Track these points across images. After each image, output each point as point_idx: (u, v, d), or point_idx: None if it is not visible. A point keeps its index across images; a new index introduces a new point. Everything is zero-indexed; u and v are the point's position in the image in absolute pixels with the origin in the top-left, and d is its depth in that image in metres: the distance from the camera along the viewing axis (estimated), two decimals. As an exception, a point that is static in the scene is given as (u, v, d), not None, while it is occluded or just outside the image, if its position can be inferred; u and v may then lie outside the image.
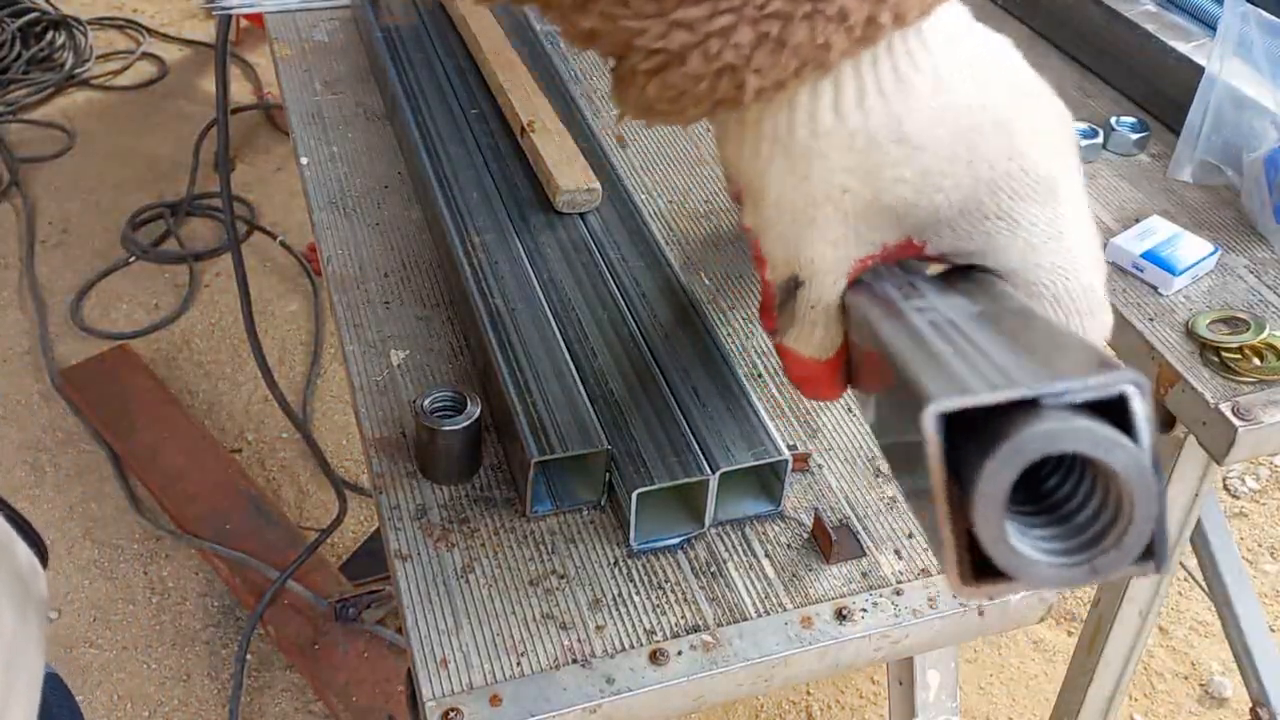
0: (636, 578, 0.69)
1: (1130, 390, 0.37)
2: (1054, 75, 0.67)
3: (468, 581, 0.67)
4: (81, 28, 3.09)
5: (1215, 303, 0.95)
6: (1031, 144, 0.48)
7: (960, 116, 0.47)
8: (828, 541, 0.70)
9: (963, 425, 0.38)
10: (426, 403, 0.71)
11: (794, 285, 0.51)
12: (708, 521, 0.71)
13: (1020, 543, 0.38)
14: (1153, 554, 0.39)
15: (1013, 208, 0.48)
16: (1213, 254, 0.98)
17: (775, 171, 0.48)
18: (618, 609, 0.67)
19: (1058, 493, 0.40)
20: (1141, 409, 0.37)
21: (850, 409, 0.81)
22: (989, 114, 0.47)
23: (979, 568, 0.39)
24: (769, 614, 0.67)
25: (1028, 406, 0.37)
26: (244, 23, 3.05)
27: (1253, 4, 1.04)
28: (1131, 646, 1.18)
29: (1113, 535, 0.38)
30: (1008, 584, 0.39)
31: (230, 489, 1.85)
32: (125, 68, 3.03)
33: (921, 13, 0.45)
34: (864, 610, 0.68)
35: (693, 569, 0.69)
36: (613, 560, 0.69)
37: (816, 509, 0.72)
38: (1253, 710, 1.28)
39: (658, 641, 0.65)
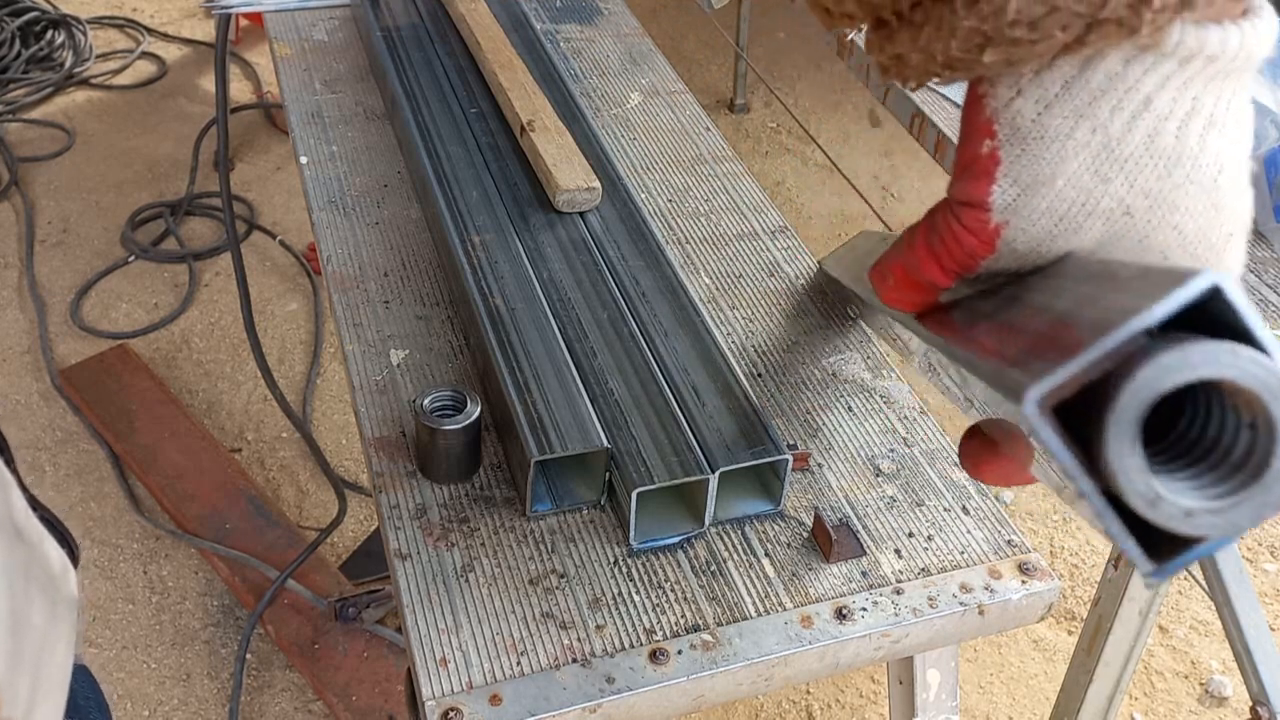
0: (636, 577, 0.69)
1: (1220, 282, 0.35)
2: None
3: (467, 581, 0.67)
4: (81, 27, 3.09)
5: (1215, 302, 0.95)
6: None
7: (1232, 209, 0.44)
8: (827, 541, 0.70)
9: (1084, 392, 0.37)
10: (426, 402, 0.71)
11: (1001, 273, 0.46)
12: (707, 521, 0.71)
13: (1173, 491, 0.36)
14: None
15: None
16: (1213, 253, 0.98)
17: (1081, 161, 0.42)
18: (617, 608, 0.67)
19: (1200, 435, 0.38)
20: (1240, 300, 0.35)
21: (850, 409, 0.81)
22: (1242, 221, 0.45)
23: (1153, 545, 0.37)
24: (769, 613, 0.67)
25: (1132, 351, 0.36)
26: (244, 22, 3.05)
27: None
28: (1131, 646, 1.18)
29: (1260, 453, 0.36)
30: (1185, 549, 0.37)
31: (230, 489, 1.85)
32: (125, 67, 3.03)
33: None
34: (864, 609, 0.68)
35: (693, 568, 0.69)
36: (612, 559, 0.69)
37: (816, 508, 0.72)
38: (1253, 709, 1.28)
39: (658, 641, 0.65)
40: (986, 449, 0.48)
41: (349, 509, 1.79)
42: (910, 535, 0.72)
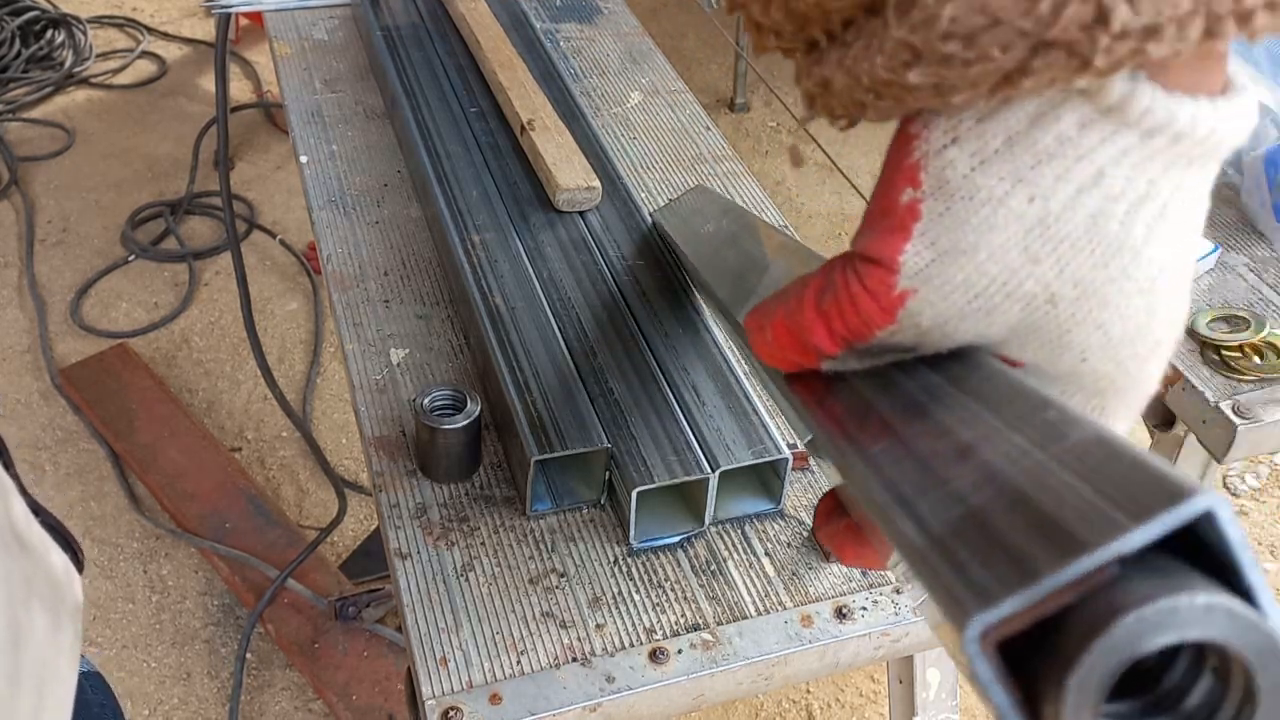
0: (636, 576, 0.69)
1: (1215, 507, 0.28)
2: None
3: (467, 580, 0.67)
4: (81, 26, 3.09)
5: (1215, 301, 0.95)
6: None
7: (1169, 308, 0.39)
8: (828, 540, 0.70)
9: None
10: (426, 401, 0.71)
11: (897, 349, 0.41)
12: (708, 520, 0.71)
13: None
14: None
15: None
16: (1213, 252, 0.98)
17: (1011, 234, 0.37)
18: (618, 607, 0.67)
19: (1156, 681, 0.31)
20: (1234, 533, 0.28)
21: (850, 407, 0.81)
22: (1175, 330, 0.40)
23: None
24: (769, 612, 0.67)
25: (1101, 583, 0.28)
26: (244, 21, 3.05)
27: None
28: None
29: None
30: None
31: (230, 488, 1.85)
32: (125, 66, 3.03)
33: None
34: (864, 609, 0.68)
35: (693, 567, 0.69)
36: (613, 559, 0.69)
37: (817, 507, 0.72)
38: (1252, 709, 1.28)
39: (658, 640, 0.65)
40: (850, 530, 0.44)
41: (349, 508, 1.79)
42: (910, 534, 0.72)
